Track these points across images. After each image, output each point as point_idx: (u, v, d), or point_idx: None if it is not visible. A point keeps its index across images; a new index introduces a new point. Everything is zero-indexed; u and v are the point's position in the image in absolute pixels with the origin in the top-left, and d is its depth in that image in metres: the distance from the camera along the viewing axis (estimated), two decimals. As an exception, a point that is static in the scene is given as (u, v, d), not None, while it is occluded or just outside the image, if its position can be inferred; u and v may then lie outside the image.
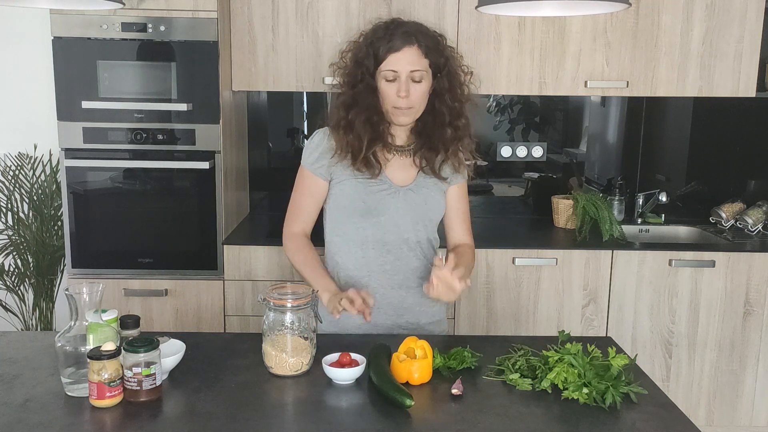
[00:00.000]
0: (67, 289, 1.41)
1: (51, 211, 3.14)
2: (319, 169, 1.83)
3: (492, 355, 1.60)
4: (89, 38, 2.66)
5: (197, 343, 1.66)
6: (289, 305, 1.52)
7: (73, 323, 1.41)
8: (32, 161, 3.17)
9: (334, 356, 1.51)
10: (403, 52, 1.72)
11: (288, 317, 1.52)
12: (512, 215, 3.43)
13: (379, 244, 1.82)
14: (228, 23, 2.83)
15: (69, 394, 1.41)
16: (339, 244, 1.86)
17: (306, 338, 1.53)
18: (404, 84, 1.72)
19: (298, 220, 1.88)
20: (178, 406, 1.39)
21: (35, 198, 3.13)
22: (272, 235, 2.90)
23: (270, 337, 1.52)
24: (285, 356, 1.50)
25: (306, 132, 3.37)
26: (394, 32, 1.73)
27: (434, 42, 1.77)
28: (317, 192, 1.85)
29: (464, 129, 1.83)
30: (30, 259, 3.11)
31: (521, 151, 3.36)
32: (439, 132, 1.80)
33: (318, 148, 1.84)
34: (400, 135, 1.85)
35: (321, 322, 1.64)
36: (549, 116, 3.42)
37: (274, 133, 3.38)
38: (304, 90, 2.97)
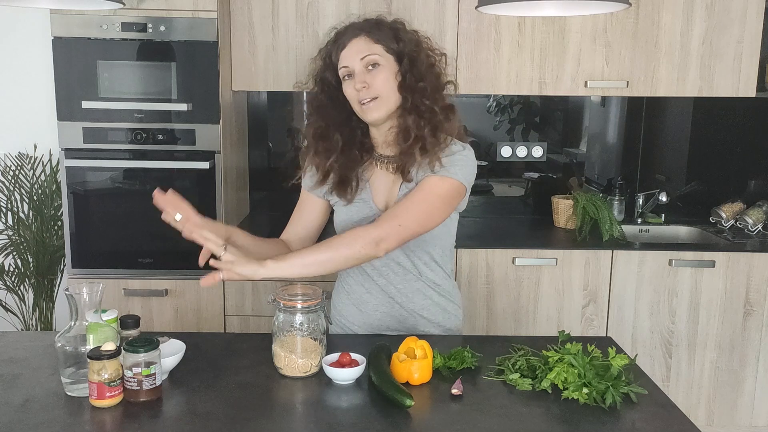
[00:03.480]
0: (67, 289, 1.40)
1: (51, 211, 3.14)
2: (314, 189, 1.79)
3: (492, 355, 1.60)
4: (89, 38, 2.66)
5: (197, 343, 1.66)
6: (299, 306, 1.51)
7: (73, 323, 1.41)
8: (32, 161, 3.17)
9: (334, 356, 1.51)
10: (350, 46, 1.64)
11: (298, 318, 1.51)
12: (512, 215, 3.42)
13: (370, 267, 1.76)
14: (228, 23, 2.83)
15: (69, 394, 1.41)
16: None
17: (316, 339, 1.52)
18: (359, 75, 1.62)
19: (287, 229, 1.85)
20: (178, 406, 1.38)
21: (35, 198, 3.13)
22: (272, 235, 2.88)
23: (280, 338, 1.52)
24: (294, 357, 1.49)
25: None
26: (343, 33, 1.67)
27: (388, 29, 1.66)
28: (310, 209, 1.81)
29: (434, 113, 1.65)
30: (30, 259, 3.11)
31: (521, 151, 3.36)
32: (413, 122, 1.64)
33: (310, 172, 1.80)
34: (384, 140, 1.71)
35: (330, 324, 1.62)
36: (549, 116, 3.42)
37: (274, 133, 3.37)
38: (304, 90, 2.96)
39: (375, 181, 1.74)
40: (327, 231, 1.86)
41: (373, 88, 1.63)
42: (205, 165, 2.73)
